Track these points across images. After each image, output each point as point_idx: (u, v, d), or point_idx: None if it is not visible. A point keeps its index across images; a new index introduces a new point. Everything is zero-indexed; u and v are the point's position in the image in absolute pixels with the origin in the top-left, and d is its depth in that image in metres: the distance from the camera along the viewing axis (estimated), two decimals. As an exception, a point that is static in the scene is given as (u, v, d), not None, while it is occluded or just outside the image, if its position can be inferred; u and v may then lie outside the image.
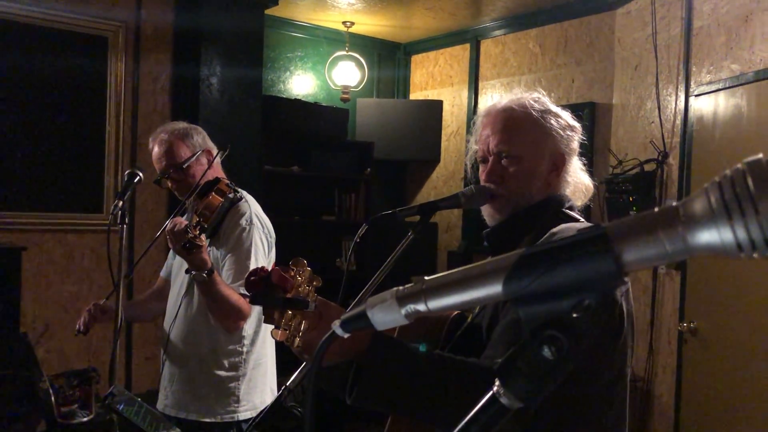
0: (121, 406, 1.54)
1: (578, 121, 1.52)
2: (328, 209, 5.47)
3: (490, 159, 1.46)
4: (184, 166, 2.42)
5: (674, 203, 0.42)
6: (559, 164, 1.44)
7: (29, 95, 4.03)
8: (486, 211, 1.51)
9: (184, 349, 2.44)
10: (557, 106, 1.52)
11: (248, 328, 2.41)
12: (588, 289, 0.45)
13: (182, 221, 2.10)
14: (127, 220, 2.26)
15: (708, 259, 3.47)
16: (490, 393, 0.47)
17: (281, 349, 2.50)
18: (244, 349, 2.43)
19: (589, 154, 4.64)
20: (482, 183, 1.50)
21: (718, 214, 0.40)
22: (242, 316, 2.34)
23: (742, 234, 0.40)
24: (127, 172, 2.36)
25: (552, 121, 1.44)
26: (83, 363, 4.06)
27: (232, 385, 2.41)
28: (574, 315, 0.45)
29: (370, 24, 5.53)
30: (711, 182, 0.41)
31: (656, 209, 0.43)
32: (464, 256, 5.40)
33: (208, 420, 2.39)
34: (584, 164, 1.56)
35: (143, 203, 4.38)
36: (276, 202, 5.11)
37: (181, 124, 2.52)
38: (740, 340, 3.30)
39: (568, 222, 1.35)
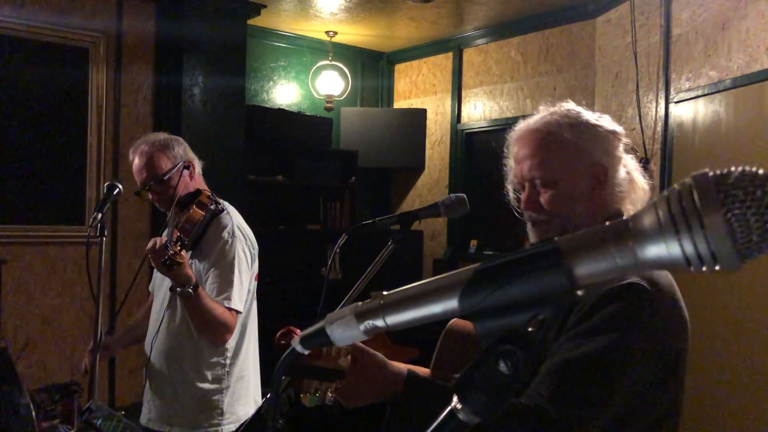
0: (99, 422, 1.53)
1: (619, 125, 1.42)
2: (312, 218, 5.46)
3: (526, 185, 1.40)
4: (165, 178, 2.39)
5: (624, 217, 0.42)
6: (601, 178, 1.35)
7: (9, 107, 3.99)
8: (530, 234, 1.43)
9: (167, 363, 2.42)
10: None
11: (231, 340, 2.39)
12: (542, 304, 0.45)
13: (162, 238, 2.08)
14: (106, 232, 2.24)
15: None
16: (449, 408, 0.47)
17: (264, 361, 2.49)
18: (227, 362, 2.41)
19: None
20: (523, 211, 1.43)
21: (666, 229, 0.41)
22: (228, 330, 2.31)
23: (689, 248, 0.40)
24: (106, 185, 2.34)
25: (584, 134, 1.35)
26: (65, 377, 4.01)
27: (216, 397, 2.39)
28: (529, 329, 0.45)
29: (353, 33, 5.55)
30: (660, 196, 0.42)
31: (607, 223, 0.44)
32: (449, 264, 5.41)
33: None
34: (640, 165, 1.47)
35: (126, 215, 4.35)
36: (260, 211, 5.10)
37: (162, 135, 2.50)
38: (723, 343, 3.32)
39: None
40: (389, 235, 1.67)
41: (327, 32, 5.47)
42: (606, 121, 1.39)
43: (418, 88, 6.03)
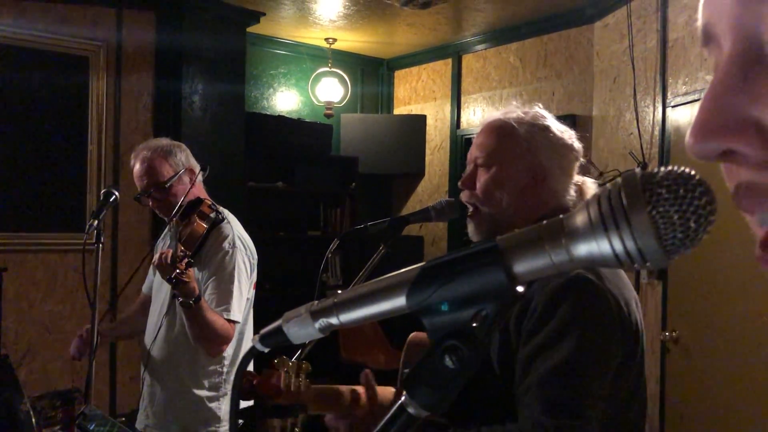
0: (92, 426, 1.54)
1: (578, 142, 1.47)
2: (313, 224, 5.49)
3: (470, 166, 1.48)
4: (166, 186, 2.39)
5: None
6: (538, 180, 1.40)
7: (11, 115, 4.03)
8: (469, 229, 1.50)
9: (164, 369, 2.43)
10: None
11: (228, 348, 2.40)
12: (485, 300, 0.46)
13: (169, 253, 2.09)
14: (103, 239, 2.26)
15: (689, 268, 3.50)
16: (399, 403, 0.48)
17: (260, 369, 2.50)
18: (225, 369, 2.42)
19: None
20: (459, 187, 1.51)
21: (596, 227, 0.42)
22: (225, 341, 2.33)
23: (618, 245, 0.42)
24: (102, 192, 2.35)
25: (538, 137, 1.41)
26: (66, 384, 4.03)
27: (213, 405, 2.40)
28: (474, 324, 0.47)
29: (352, 40, 5.58)
30: (592, 196, 0.43)
31: (545, 222, 0.45)
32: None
33: None
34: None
35: (126, 222, 4.38)
36: (261, 218, 5.12)
37: (164, 141, 2.49)
38: (722, 349, 3.32)
39: None
40: (387, 238, 1.68)
41: (326, 39, 5.50)
42: (567, 135, 1.44)
43: (417, 94, 6.05)
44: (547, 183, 1.40)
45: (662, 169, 0.42)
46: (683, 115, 3.72)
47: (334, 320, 0.53)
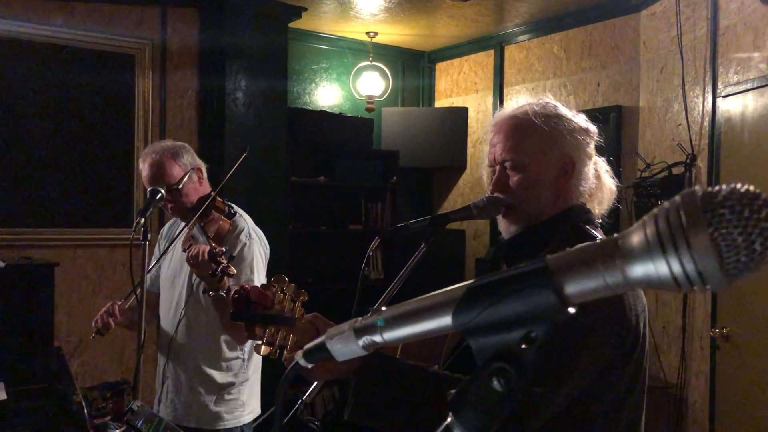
0: (140, 422, 1.57)
1: (593, 124, 1.49)
2: (354, 218, 5.49)
3: (497, 168, 1.46)
4: (179, 187, 2.40)
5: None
6: (568, 170, 1.42)
7: (60, 114, 4.13)
8: (501, 225, 1.51)
9: (187, 361, 2.49)
10: (578, 110, 1.49)
11: None
12: (534, 321, 0.45)
13: (205, 249, 2.11)
14: (149, 236, 2.29)
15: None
16: (444, 425, 0.47)
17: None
18: (245, 356, 2.51)
19: (616, 157, 4.59)
20: (489, 192, 1.49)
21: (653, 248, 0.40)
22: None
23: (676, 267, 0.39)
24: (149, 190, 2.39)
25: (558, 126, 1.41)
26: (116, 376, 4.13)
27: (236, 390, 2.48)
28: (522, 346, 0.45)
29: (393, 33, 5.55)
30: (649, 215, 0.41)
31: (597, 241, 0.43)
32: (492, 264, 5.36)
33: (217, 427, 2.45)
34: (611, 166, 1.54)
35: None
36: (303, 212, 5.16)
37: (169, 143, 2.50)
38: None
39: (587, 241, 1.30)
40: (427, 236, 1.67)
41: (367, 33, 5.49)
42: (581, 119, 1.45)
43: (459, 86, 5.99)
44: (575, 171, 1.41)
45: (724, 187, 0.40)
46: (735, 105, 3.60)
47: (377, 338, 0.52)
